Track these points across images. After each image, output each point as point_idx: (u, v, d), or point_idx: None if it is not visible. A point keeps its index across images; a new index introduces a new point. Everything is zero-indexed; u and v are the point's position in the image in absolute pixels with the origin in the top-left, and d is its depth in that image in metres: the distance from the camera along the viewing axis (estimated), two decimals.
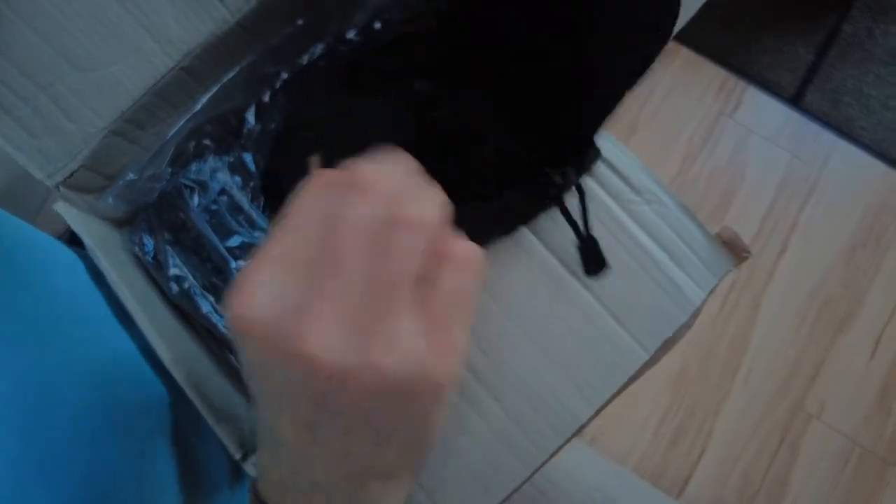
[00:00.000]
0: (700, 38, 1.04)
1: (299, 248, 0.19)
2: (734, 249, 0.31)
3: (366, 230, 0.19)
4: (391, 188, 0.20)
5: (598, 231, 0.30)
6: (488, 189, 0.30)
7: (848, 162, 0.98)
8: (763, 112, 0.99)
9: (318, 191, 0.20)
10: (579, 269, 0.30)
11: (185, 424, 0.35)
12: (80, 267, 0.33)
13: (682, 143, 0.98)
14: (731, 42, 1.03)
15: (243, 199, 0.39)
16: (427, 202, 0.21)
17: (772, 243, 0.94)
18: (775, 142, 0.98)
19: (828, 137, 0.99)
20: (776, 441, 0.87)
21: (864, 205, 0.96)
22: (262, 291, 0.19)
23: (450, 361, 0.20)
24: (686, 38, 1.04)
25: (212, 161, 0.39)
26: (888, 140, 0.99)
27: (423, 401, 0.20)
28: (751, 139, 0.98)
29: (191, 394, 0.30)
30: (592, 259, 0.29)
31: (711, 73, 1.01)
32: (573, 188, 0.29)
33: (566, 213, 0.30)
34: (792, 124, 0.99)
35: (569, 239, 0.30)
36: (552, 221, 0.30)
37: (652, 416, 0.87)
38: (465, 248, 0.21)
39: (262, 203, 0.39)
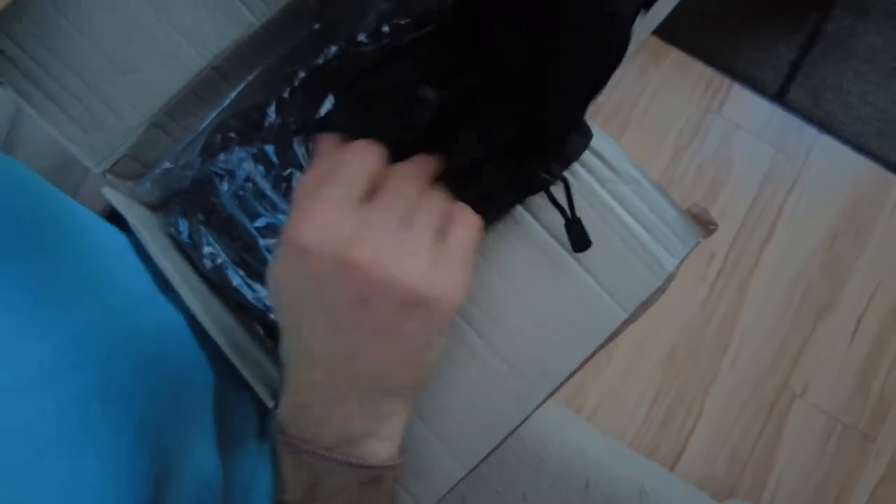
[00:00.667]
0: (688, 39, 1.08)
1: (347, 201, 0.25)
2: (702, 223, 0.35)
3: (403, 193, 0.26)
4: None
5: (583, 208, 0.34)
6: (480, 183, 0.34)
7: (829, 155, 1.02)
8: (748, 108, 1.04)
9: (365, 153, 0.28)
10: (567, 242, 0.34)
11: (219, 388, 0.39)
12: (125, 243, 0.37)
13: (671, 139, 1.03)
14: (718, 42, 1.08)
15: (266, 186, 0.43)
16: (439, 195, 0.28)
17: (757, 233, 0.98)
18: (760, 136, 1.03)
19: (810, 132, 1.03)
20: (762, 420, 0.91)
21: (844, 196, 1.00)
22: (320, 218, 0.25)
23: (456, 292, 0.26)
24: (674, 38, 1.08)
25: (237, 152, 0.43)
26: (867, 134, 1.03)
27: (432, 319, 0.25)
28: (737, 134, 1.03)
29: (231, 355, 0.34)
30: (578, 239, 0.34)
31: (699, 72, 1.06)
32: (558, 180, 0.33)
33: (553, 200, 0.34)
34: (776, 120, 1.04)
35: (558, 215, 0.34)
36: (545, 201, 0.35)
37: (644, 397, 0.92)
38: (469, 213, 0.28)
39: (283, 189, 0.43)
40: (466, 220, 0.27)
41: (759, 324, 0.94)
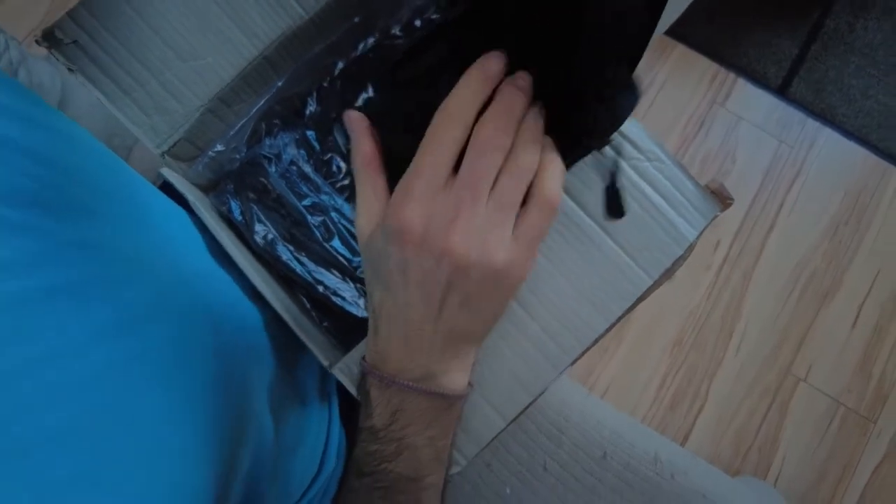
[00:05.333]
0: (693, 35, 1.11)
1: (439, 179, 0.29)
2: (720, 197, 0.38)
3: (491, 174, 0.29)
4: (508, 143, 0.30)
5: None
6: None
7: (831, 147, 1.05)
8: (752, 101, 1.07)
9: (451, 132, 0.30)
10: (598, 216, 0.37)
11: (279, 351, 0.41)
12: (184, 216, 0.40)
13: (678, 131, 1.06)
14: (722, 37, 1.11)
15: (308, 169, 0.45)
16: (532, 152, 0.30)
17: (761, 222, 1.01)
18: (763, 128, 1.06)
19: (812, 124, 1.06)
20: (767, 403, 0.94)
21: (846, 186, 1.03)
22: (416, 207, 0.28)
23: (528, 268, 0.31)
24: (680, 34, 1.11)
25: (282, 137, 0.45)
26: (868, 126, 1.06)
27: (508, 286, 0.31)
28: (741, 126, 1.06)
29: (288, 319, 0.37)
30: (613, 206, 0.37)
31: (704, 67, 1.09)
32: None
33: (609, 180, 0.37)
34: (779, 112, 1.06)
35: (590, 193, 0.37)
36: (576, 178, 0.37)
37: (652, 381, 0.95)
38: (550, 194, 0.31)
39: (324, 172, 0.46)
40: (548, 204, 0.30)
41: (763, 310, 0.97)
